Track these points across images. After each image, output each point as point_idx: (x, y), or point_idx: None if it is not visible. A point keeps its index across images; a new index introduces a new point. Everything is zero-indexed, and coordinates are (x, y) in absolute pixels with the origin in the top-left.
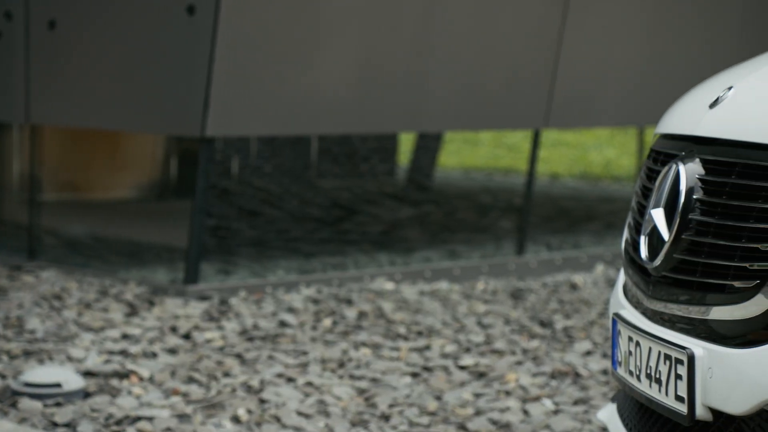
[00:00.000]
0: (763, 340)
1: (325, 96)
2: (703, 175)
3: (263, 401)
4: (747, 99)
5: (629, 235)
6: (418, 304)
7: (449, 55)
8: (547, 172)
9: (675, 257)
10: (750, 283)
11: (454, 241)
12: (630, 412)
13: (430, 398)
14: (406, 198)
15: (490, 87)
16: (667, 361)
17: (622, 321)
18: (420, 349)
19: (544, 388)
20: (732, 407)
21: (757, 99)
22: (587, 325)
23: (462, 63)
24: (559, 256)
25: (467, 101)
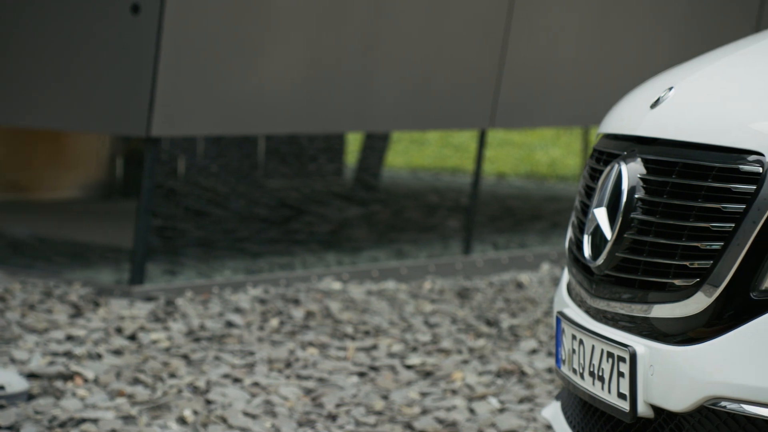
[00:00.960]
0: (702, 337)
1: (271, 96)
2: (645, 174)
3: (209, 402)
4: (686, 99)
5: (573, 234)
6: (366, 303)
7: (396, 55)
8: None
9: (617, 256)
10: (690, 281)
11: (402, 241)
12: (574, 409)
13: (377, 397)
14: (354, 198)
15: (436, 87)
16: (610, 359)
17: (566, 319)
18: (367, 348)
19: (490, 387)
20: (673, 404)
21: (697, 99)
22: (533, 323)
23: (408, 63)
24: (505, 255)
25: (414, 101)
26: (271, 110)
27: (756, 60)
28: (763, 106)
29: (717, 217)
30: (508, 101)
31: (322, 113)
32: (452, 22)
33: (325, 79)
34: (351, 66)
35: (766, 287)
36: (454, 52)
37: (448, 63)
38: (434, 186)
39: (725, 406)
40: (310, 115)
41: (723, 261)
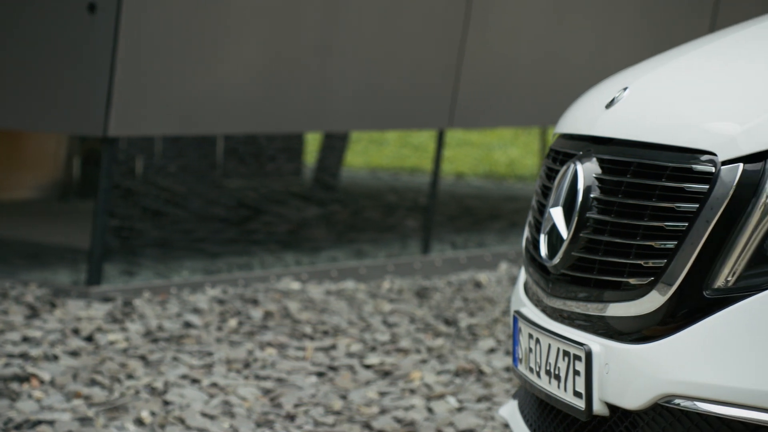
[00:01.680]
0: (657, 336)
1: (229, 96)
2: (600, 174)
3: (167, 403)
4: (641, 99)
5: (530, 234)
6: (324, 303)
7: (354, 55)
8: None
9: (573, 255)
10: (645, 280)
11: (360, 241)
12: (530, 408)
13: (336, 397)
14: (313, 198)
15: (394, 87)
16: (566, 358)
17: (522, 318)
18: (326, 348)
19: (449, 386)
20: (627, 402)
21: (650, 99)
22: (491, 322)
23: (366, 63)
24: (463, 254)
25: (372, 101)
26: (229, 110)
27: (709, 60)
28: (716, 106)
29: (671, 216)
30: (466, 101)
31: (281, 113)
32: (410, 22)
33: (283, 79)
34: (309, 66)
35: (719, 286)
36: (412, 52)
37: (406, 63)
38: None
39: (679, 403)
40: (269, 115)
41: (677, 260)
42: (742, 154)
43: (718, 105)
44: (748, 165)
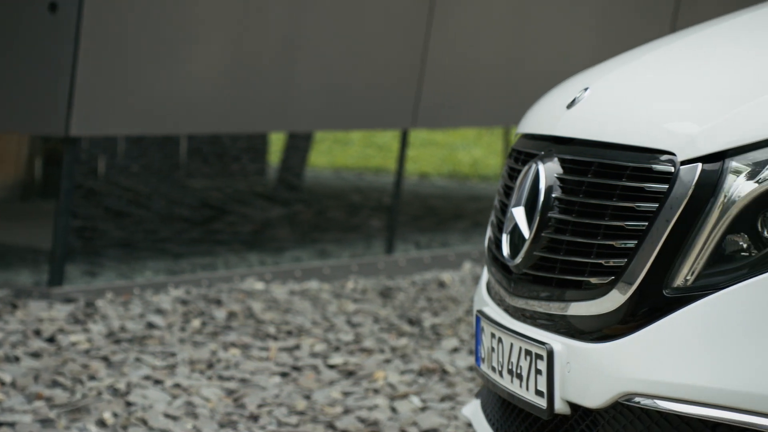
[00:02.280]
0: (617, 334)
1: (192, 95)
2: (562, 174)
3: (130, 404)
4: (601, 100)
5: (492, 234)
6: (288, 303)
7: (317, 55)
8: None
9: (535, 255)
10: (605, 279)
11: (324, 241)
12: (493, 407)
13: (299, 397)
14: (277, 198)
15: (358, 87)
16: (528, 357)
17: (485, 318)
18: (289, 348)
19: (412, 386)
20: (589, 401)
21: (611, 100)
22: (455, 322)
23: (330, 63)
24: (427, 254)
25: (336, 101)
26: (192, 110)
27: (669, 61)
28: (675, 106)
29: (631, 216)
30: (430, 101)
31: (244, 113)
32: (374, 22)
33: (246, 79)
34: (272, 65)
35: (678, 285)
36: (376, 52)
37: (369, 63)
38: (357, 186)
39: (639, 402)
40: (232, 114)
41: (637, 259)
42: (700, 154)
43: (678, 105)
44: (707, 165)
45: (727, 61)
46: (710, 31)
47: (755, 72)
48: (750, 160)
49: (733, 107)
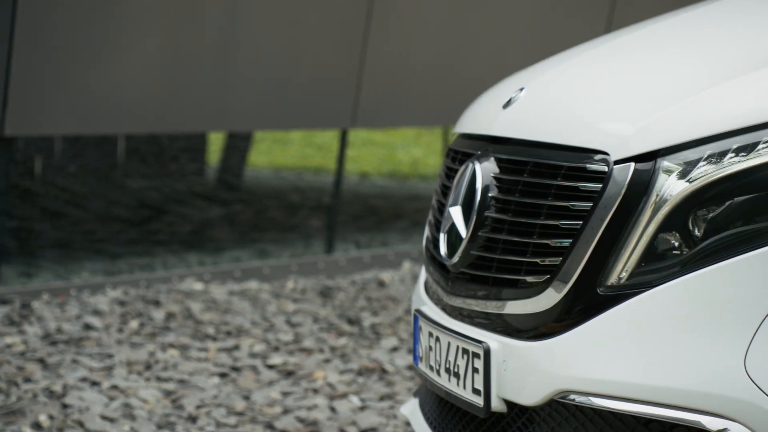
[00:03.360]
0: (553, 332)
1: (130, 95)
2: (498, 173)
3: (66, 406)
4: (536, 100)
5: (430, 233)
6: (228, 304)
7: (256, 55)
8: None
9: (472, 254)
10: (541, 278)
11: (264, 241)
12: (431, 406)
13: (238, 398)
14: (216, 198)
15: (297, 87)
16: (465, 356)
17: (423, 317)
18: (229, 349)
19: (351, 385)
20: (525, 398)
21: (546, 100)
22: (394, 321)
23: (268, 63)
24: (367, 254)
25: (275, 101)
26: (130, 109)
27: (603, 61)
28: (609, 106)
29: (566, 215)
30: (369, 101)
31: (182, 113)
32: (312, 22)
33: (184, 79)
34: (210, 65)
35: (612, 283)
36: (315, 52)
37: (308, 63)
38: (297, 185)
39: (574, 399)
40: (170, 114)
41: (572, 258)
42: (633, 154)
43: (611, 105)
44: (640, 164)
45: (659, 62)
46: (644, 32)
47: (687, 72)
48: (681, 160)
49: (664, 107)
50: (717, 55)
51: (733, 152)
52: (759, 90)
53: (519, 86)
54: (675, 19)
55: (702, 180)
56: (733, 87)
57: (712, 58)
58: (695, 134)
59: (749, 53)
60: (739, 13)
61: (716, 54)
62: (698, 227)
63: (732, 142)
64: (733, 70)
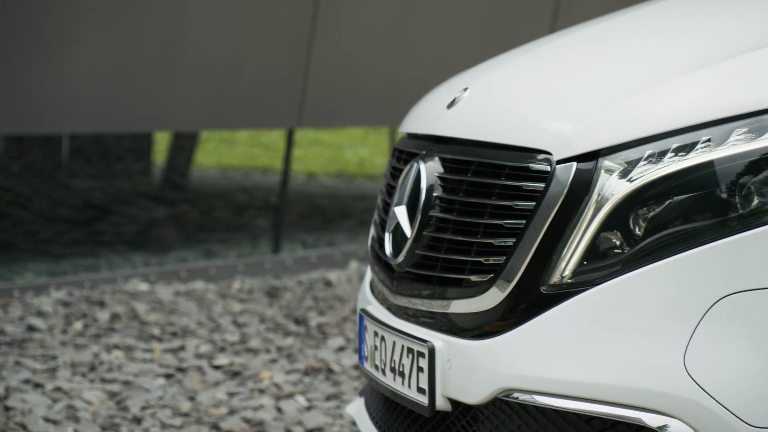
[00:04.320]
0: (497, 331)
1: (74, 94)
2: (442, 173)
3: (8, 408)
4: (480, 100)
5: (375, 233)
6: (173, 304)
7: (201, 54)
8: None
9: (417, 253)
10: (485, 277)
11: (210, 241)
12: (376, 405)
13: (184, 399)
14: (162, 198)
15: (243, 87)
16: (410, 355)
17: (368, 317)
18: (174, 350)
19: (298, 385)
20: (469, 397)
21: (489, 100)
22: (341, 321)
23: (214, 63)
24: (314, 253)
25: (221, 101)
26: (73, 109)
27: (546, 61)
28: (551, 106)
29: (510, 214)
30: (315, 101)
31: (127, 112)
32: (257, 21)
33: (129, 78)
34: (155, 65)
35: (555, 282)
36: (260, 52)
37: (254, 62)
38: (244, 185)
39: (518, 397)
40: (115, 114)
41: (515, 257)
42: (575, 154)
43: (554, 105)
44: (582, 164)
45: (602, 62)
46: (587, 33)
47: (629, 73)
48: (623, 159)
49: (606, 107)
50: (658, 56)
51: (673, 152)
52: (698, 90)
53: (463, 86)
54: (617, 19)
55: (642, 179)
56: (674, 87)
57: (653, 58)
58: (636, 134)
59: (689, 54)
60: (680, 14)
61: (657, 54)
62: (639, 226)
63: (671, 142)
64: (674, 70)
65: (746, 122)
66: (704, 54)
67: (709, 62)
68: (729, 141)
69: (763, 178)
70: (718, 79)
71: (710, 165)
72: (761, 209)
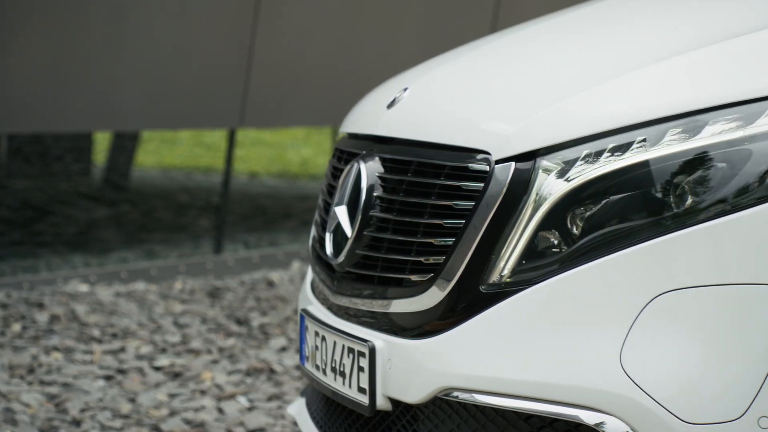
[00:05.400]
0: (437, 330)
1: (11, 93)
2: (383, 173)
3: None
4: (420, 100)
5: (316, 233)
6: (114, 305)
7: (142, 53)
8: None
9: (358, 253)
10: (425, 277)
11: (152, 241)
12: (318, 405)
13: (124, 401)
14: (102, 198)
15: (184, 86)
16: (351, 355)
17: (309, 317)
18: (114, 351)
19: (240, 386)
20: (409, 396)
21: (429, 100)
22: (283, 321)
23: (155, 62)
24: (256, 254)
25: (162, 100)
26: (11, 108)
27: (486, 61)
28: (490, 106)
29: (450, 214)
30: (257, 101)
31: (67, 112)
32: (199, 21)
33: (69, 77)
34: (95, 64)
35: (494, 281)
36: (202, 51)
37: (196, 62)
38: (186, 185)
39: (457, 396)
40: (55, 113)
41: (455, 256)
42: (514, 153)
43: (493, 105)
44: (520, 164)
45: (541, 62)
46: (527, 33)
47: (567, 73)
48: (560, 159)
49: (545, 107)
50: (597, 56)
51: (609, 152)
52: (634, 91)
53: (403, 86)
54: (557, 19)
55: (579, 179)
56: (611, 87)
57: (592, 58)
58: (573, 134)
59: (627, 54)
60: (620, 14)
61: (596, 55)
62: (576, 225)
63: (608, 142)
64: (612, 70)
65: (680, 122)
66: (643, 55)
67: (647, 63)
68: (663, 141)
69: (696, 178)
70: (655, 79)
71: (645, 165)
72: (695, 208)
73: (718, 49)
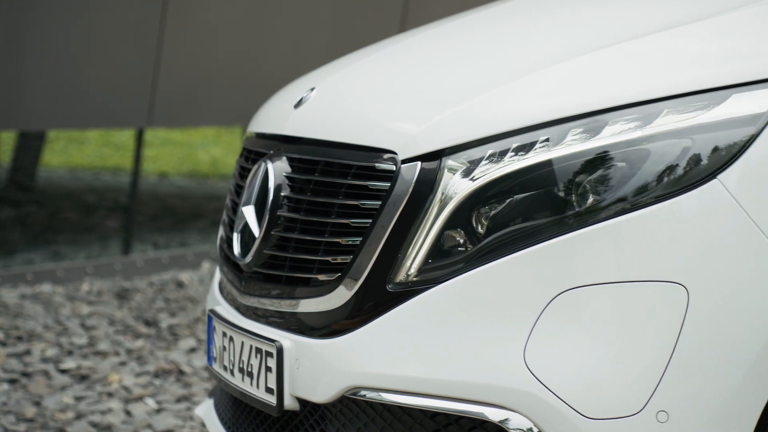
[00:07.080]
0: (344, 330)
1: None
2: (290, 172)
3: None
4: (327, 99)
5: (224, 233)
6: (19, 308)
7: (48, 52)
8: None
9: (265, 253)
10: (333, 276)
11: (58, 242)
12: (226, 406)
13: (29, 404)
14: (7, 198)
15: (91, 85)
16: (258, 355)
17: (217, 317)
18: (19, 354)
19: (148, 388)
20: (317, 396)
21: (336, 99)
22: (192, 322)
23: (62, 60)
24: (166, 254)
25: (69, 99)
26: None
27: (393, 61)
28: (397, 106)
29: (357, 213)
30: (166, 100)
31: None
32: (106, 20)
33: None
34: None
35: (401, 280)
36: (109, 50)
37: (102, 60)
38: (93, 186)
39: (365, 395)
40: None
41: (362, 256)
42: (420, 153)
43: (400, 105)
44: (426, 163)
45: (448, 62)
46: (435, 32)
47: (473, 73)
48: (465, 159)
49: (450, 107)
50: (503, 56)
51: (513, 151)
52: (538, 91)
53: (310, 86)
54: (465, 19)
55: (484, 178)
56: (516, 88)
57: (498, 58)
58: (478, 134)
59: (532, 54)
60: (527, 15)
61: (503, 55)
62: (481, 224)
63: (512, 142)
64: (516, 70)
65: (582, 122)
66: (547, 55)
67: (551, 62)
68: (565, 141)
69: (597, 177)
70: (558, 79)
71: (548, 164)
72: (596, 207)
73: (620, 49)
